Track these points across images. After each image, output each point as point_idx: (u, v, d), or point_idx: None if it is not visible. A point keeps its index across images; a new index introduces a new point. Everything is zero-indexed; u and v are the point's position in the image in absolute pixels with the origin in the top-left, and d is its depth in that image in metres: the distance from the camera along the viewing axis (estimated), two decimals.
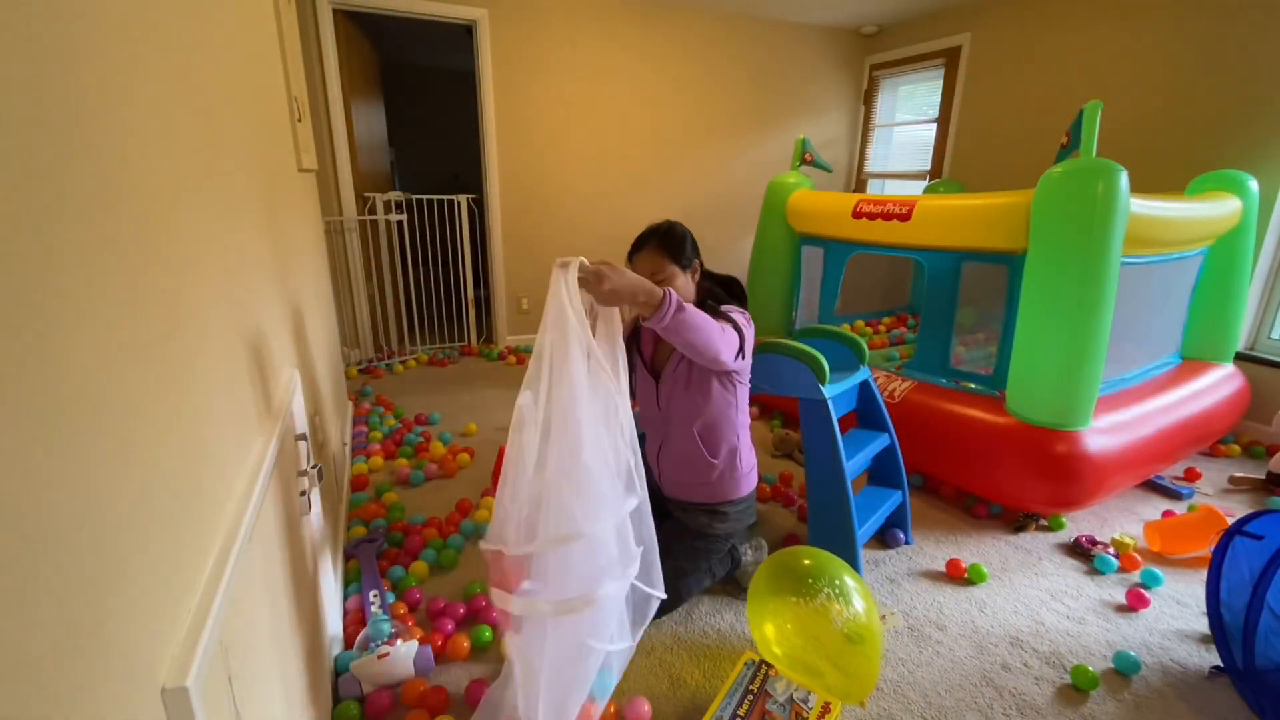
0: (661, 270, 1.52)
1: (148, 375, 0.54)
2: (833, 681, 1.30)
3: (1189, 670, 1.48)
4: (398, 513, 2.06)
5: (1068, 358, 1.87)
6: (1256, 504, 2.26)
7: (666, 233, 1.55)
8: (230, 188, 0.94)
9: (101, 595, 0.42)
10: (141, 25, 0.62)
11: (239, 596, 0.69)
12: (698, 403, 1.59)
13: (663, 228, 1.56)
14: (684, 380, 1.59)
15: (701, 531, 1.64)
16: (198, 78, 0.82)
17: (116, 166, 0.52)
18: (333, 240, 3.47)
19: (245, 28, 1.24)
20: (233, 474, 0.77)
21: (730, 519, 1.65)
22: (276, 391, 1.11)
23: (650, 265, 1.53)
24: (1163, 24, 2.96)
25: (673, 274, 1.52)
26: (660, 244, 1.53)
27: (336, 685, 1.33)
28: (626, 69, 4.00)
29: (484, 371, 3.71)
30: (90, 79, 0.49)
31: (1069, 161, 1.86)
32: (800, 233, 2.92)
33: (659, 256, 1.52)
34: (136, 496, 0.49)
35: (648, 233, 1.56)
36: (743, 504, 1.67)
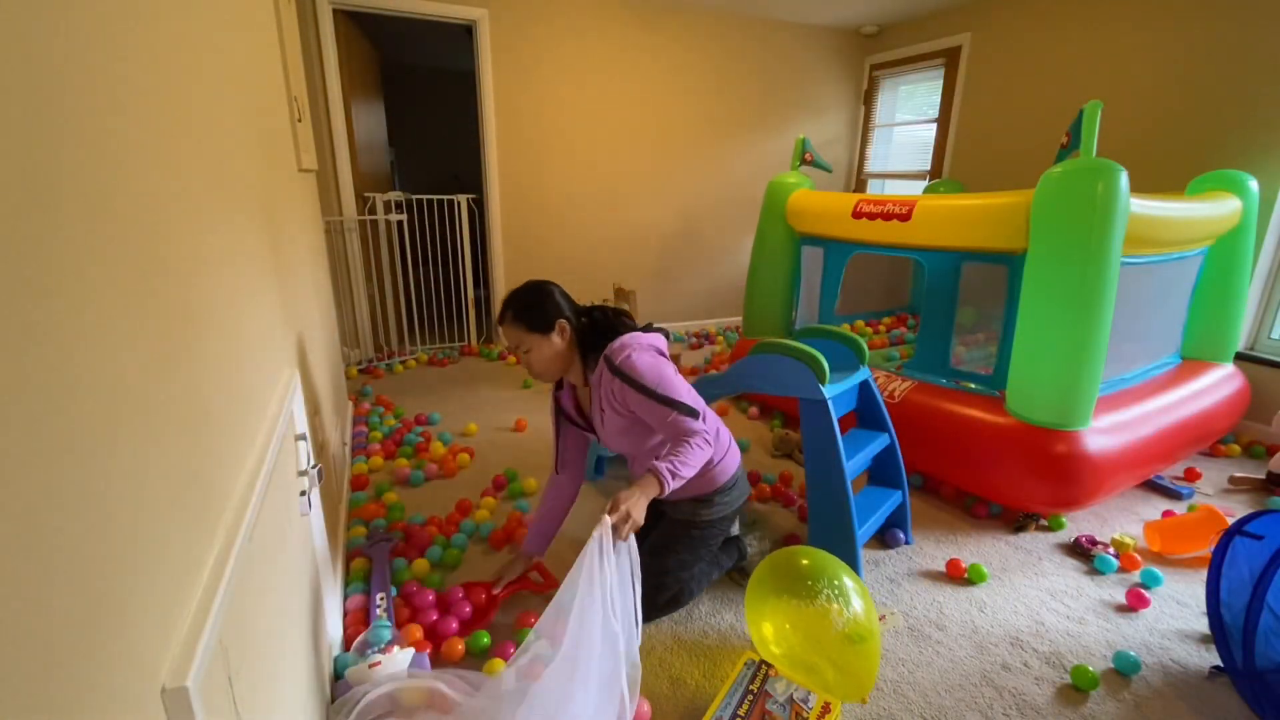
0: (523, 342, 1.46)
1: (148, 375, 0.54)
2: (832, 681, 1.31)
3: (1189, 670, 1.48)
4: (398, 513, 2.07)
5: (1068, 358, 1.87)
6: (1256, 504, 2.26)
7: (521, 301, 1.47)
8: (230, 188, 0.94)
9: (101, 595, 0.42)
10: (142, 25, 0.62)
11: (239, 596, 0.69)
12: (640, 437, 1.55)
13: (518, 295, 1.48)
14: (615, 433, 1.54)
15: (694, 521, 1.61)
16: (198, 77, 0.82)
17: (116, 167, 0.52)
18: (333, 240, 3.47)
19: (245, 28, 1.24)
20: (233, 474, 0.76)
21: (718, 505, 1.62)
22: (276, 391, 1.11)
23: (513, 339, 1.48)
24: (1162, 24, 2.96)
25: (535, 343, 1.46)
26: (515, 315, 1.46)
27: (335, 687, 1.33)
28: (627, 69, 4.00)
29: (484, 371, 3.71)
30: (90, 78, 0.49)
31: (1069, 161, 1.86)
32: (800, 233, 2.92)
33: (517, 329, 1.46)
34: (136, 497, 0.49)
35: (505, 303, 1.48)
36: (730, 487, 1.63)
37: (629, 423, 1.51)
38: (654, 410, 1.42)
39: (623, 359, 1.44)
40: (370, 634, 1.43)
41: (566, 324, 1.49)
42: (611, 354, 1.46)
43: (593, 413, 1.56)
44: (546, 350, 1.48)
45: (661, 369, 1.45)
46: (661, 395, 1.41)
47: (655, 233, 4.42)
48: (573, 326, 1.51)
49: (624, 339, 1.49)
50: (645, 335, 1.53)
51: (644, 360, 1.44)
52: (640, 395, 1.42)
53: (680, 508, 1.63)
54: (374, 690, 1.23)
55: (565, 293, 1.54)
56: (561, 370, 1.54)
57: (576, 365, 1.54)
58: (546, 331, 1.46)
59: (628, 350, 1.46)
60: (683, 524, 1.62)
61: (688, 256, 4.56)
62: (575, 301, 1.57)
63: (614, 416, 1.50)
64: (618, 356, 1.45)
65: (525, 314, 1.46)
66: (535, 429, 2.83)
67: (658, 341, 1.54)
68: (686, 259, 4.56)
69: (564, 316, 1.49)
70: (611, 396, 1.47)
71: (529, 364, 1.50)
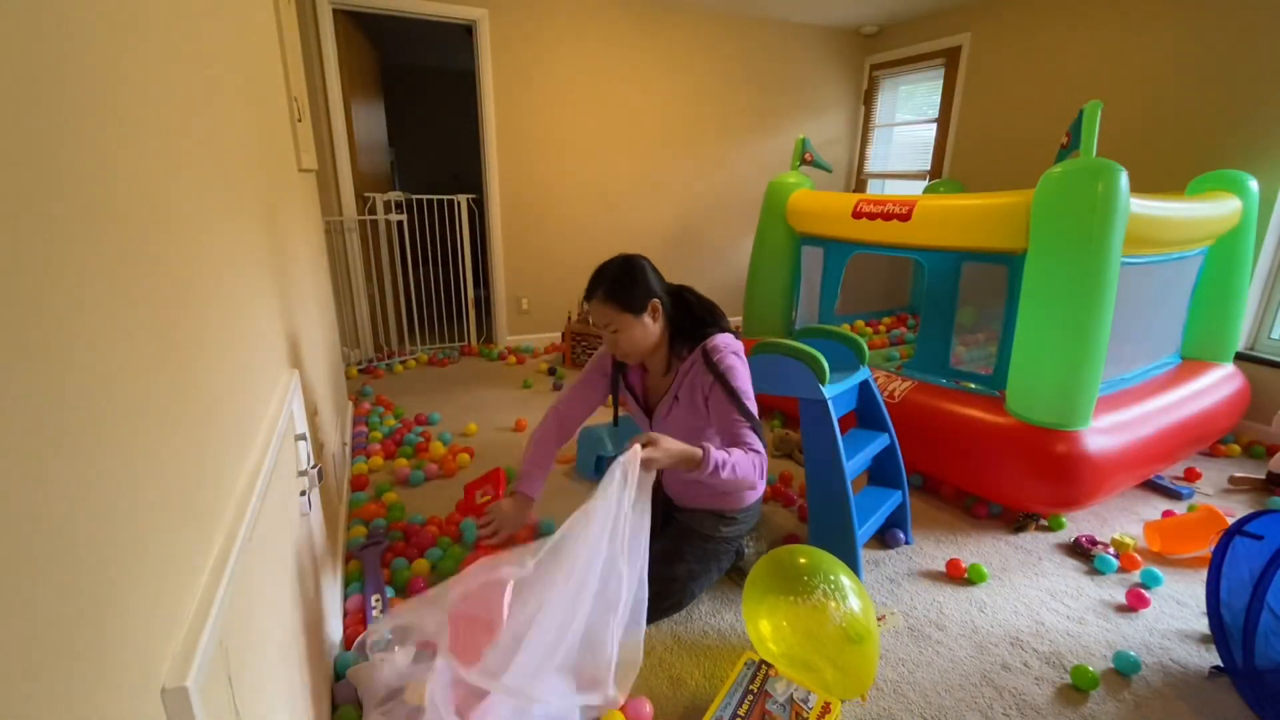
0: (614, 322, 1.41)
1: (148, 375, 0.54)
2: (830, 679, 1.31)
3: (1189, 670, 1.48)
4: (398, 512, 2.07)
5: (1068, 358, 1.87)
6: (1256, 504, 2.26)
7: (614, 279, 1.41)
8: (230, 188, 0.94)
9: (101, 595, 0.42)
10: (142, 25, 0.62)
11: (239, 596, 0.69)
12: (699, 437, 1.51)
13: (610, 272, 1.42)
14: (675, 427, 1.51)
15: (710, 534, 1.62)
16: (197, 77, 0.82)
17: (116, 167, 0.52)
18: (333, 240, 3.47)
19: (245, 28, 1.24)
20: (233, 474, 0.76)
21: (739, 523, 1.64)
22: (276, 391, 1.11)
23: (602, 318, 1.43)
24: (1163, 24, 2.96)
25: (626, 324, 1.41)
26: (607, 294, 1.40)
27: (335, 687, 1.33)
28: (626, 69, 4.00)
29: (484, 371, 3.71)
30: (89, 78, 0.49)
31: (1069, 161, 1.86)
32: (800, 233, 2.92)
33: (608, 309, 1.41)
34: (136, 497, 0.49)
35: (595, 279, 1.43)
36: (753, 509, 1.67)
37: (694, 423, 1.49)
38: (726, 414, 1.41)
39: (720, 358, 1.44)
40: (370, 634, 1.43)
41: (659, 304, 1.45)
42: (712, 351, 1.45)
43: (663, 399, 1.53)
44: (638, 332, 1.43)
45: (750, 389, 1.46)
46: (741, 401, 1.41)
47: (655, 232, 4.42)
48: (665, 309, 1.47)
49: (725, 340, 1.48)
50: (737, 342, 1.53)
51: (739, 365, 1.46)
52: (724, 395, 1.41)
53: (703, 520, 1.62)
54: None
55: (656, 269, 1.49)
56: (650, 353, 1.50)
57: (663, 350, 1.51)
58: (639, 312, 1.42)
59: (731, 352, 1.46)
60: (700, 536, 1.62)
61: (688, 256, 4.56)
62: (664, 279, 1.52)
63: (687, 408, 1.49)
64: (716, 355, 1.44)
65: (618, 292, 1.40)
66: None
67: (741, 348, 1.54)
68: (686, 259, 4.56)
69: (658, 296, 1.45)
70: (695, 389, 1.46)
71: (616, 344, 1.46)
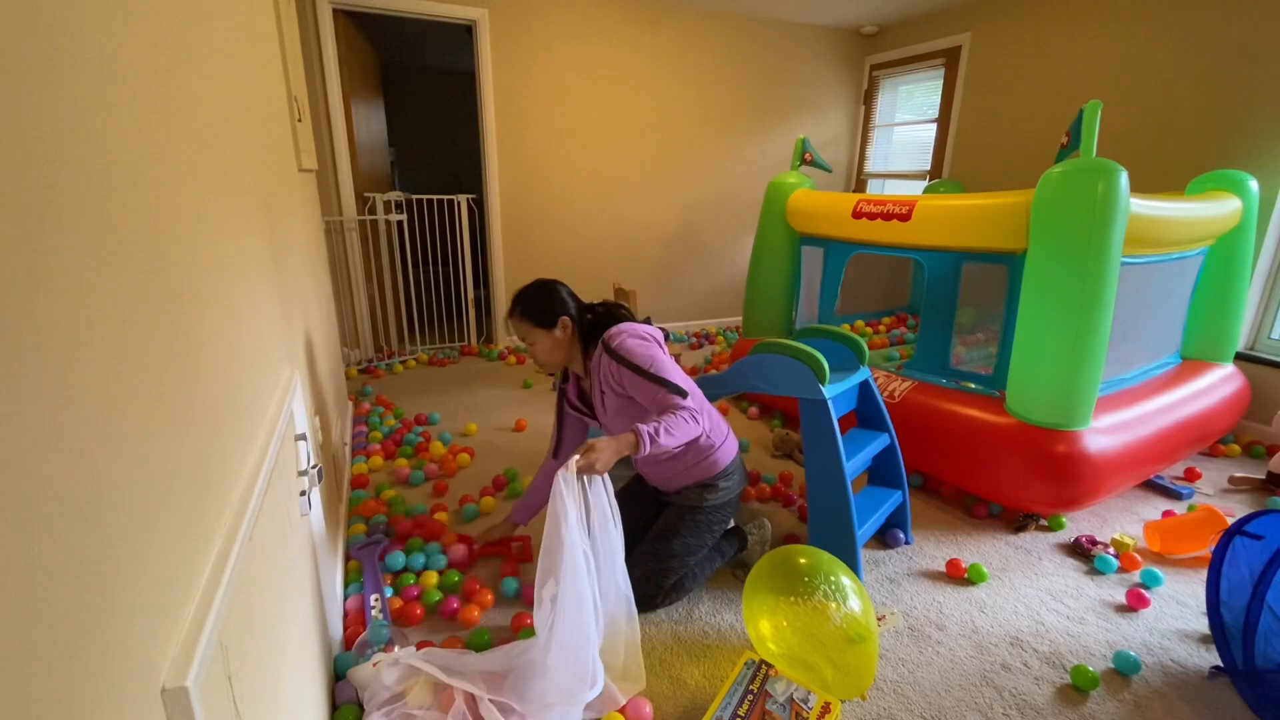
0: (528, 336, 1.59)
1: (148, 375, 0.54)
2: (830, 679, 1.31)
3: (1189, 670, 1.48)
4: (399, 506, 2.08)
5: (1068, 358, 1.87)
6: (1256, 504, 2.26)
7: (526, 300, 1.59)
8: (230, 188, 0.94)
9: (101, 595, 0.42)
10: (141, 25, 0.62)
11: (239, 596, 0.69)
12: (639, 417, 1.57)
13: (523, 294, 1.60)
14: (616, 415, 1.60)
15: (697, 505, 1.66)
16: (198, 77, 0.82)
17: (116, 167, 0.52)
18: (333, 240, 3.47)
19: (245, 27, 1.24)
20: (233, 474, 0.76)
21: (722, 490, 1.68)
22: (276, 391, 1.11)
23: (519, 332, 1.60)
24: (1163, 24, 2.96)
25: (539, 336, 1.59)
26: (521, 313, 1.58)
27: (335, 687, 1.33)
28: (626, 69, 4.00)
29: (484, 371, 3.71)
30: (90, 79, 0.49)
31: (1069, 161, 1.86)
32: (800, 233, 2.92)
33: (522, 324, 1.59)
34: (136, 497, 0.49)
35: (512, 300, 1.61)
36: (731, 473, 1.70)
37: (626, 403, 1.59)
38: (645, 388, 1.52)
39: (618, 342, 1.55)
40: (369, 634, 1.44)
41: (569, 320, 1.60)
42: (609, 338, 1.57)
43: (593, 396, 1.65)
44: (548, 342, 1.60)
45: (652, 351, 1.55)
46: (652, 374, 1.51)
47: (655, 232, 4.42)
48: (575, 322, 1.62)
49: (620, 325, 1.60)
50: (641, 325, 1.63)
51: (637, 343, 1.55)
52: (634, 375, 1.52)
53: (686, 494, 1.67)
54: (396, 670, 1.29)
55: (571, 291, 1.65)
56: (563, 360, 1.66)
57: (578, 356, 1.65)
58: (549, 326, 1.59)
59: (623, 334, 1.57)
60: (688, 509, 1.66)
61: (688, 256, 4.56)
62: (580, 299, 1.67)
63: (612, 397, 1.59)
64: (613, 340, 1.56)
65: (530, 310, 1.59)
66: (535, 429, 2.83)
67: (654, 332, 1.64)
68: (686, 259, 4.56)
69: (567, 313, 1.60)
70: (610, 377, 1.57)
71: (535, 356, 1.64)
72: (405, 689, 1.26)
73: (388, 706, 1.23)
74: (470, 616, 1.58)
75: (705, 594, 1.72)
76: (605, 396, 1.60)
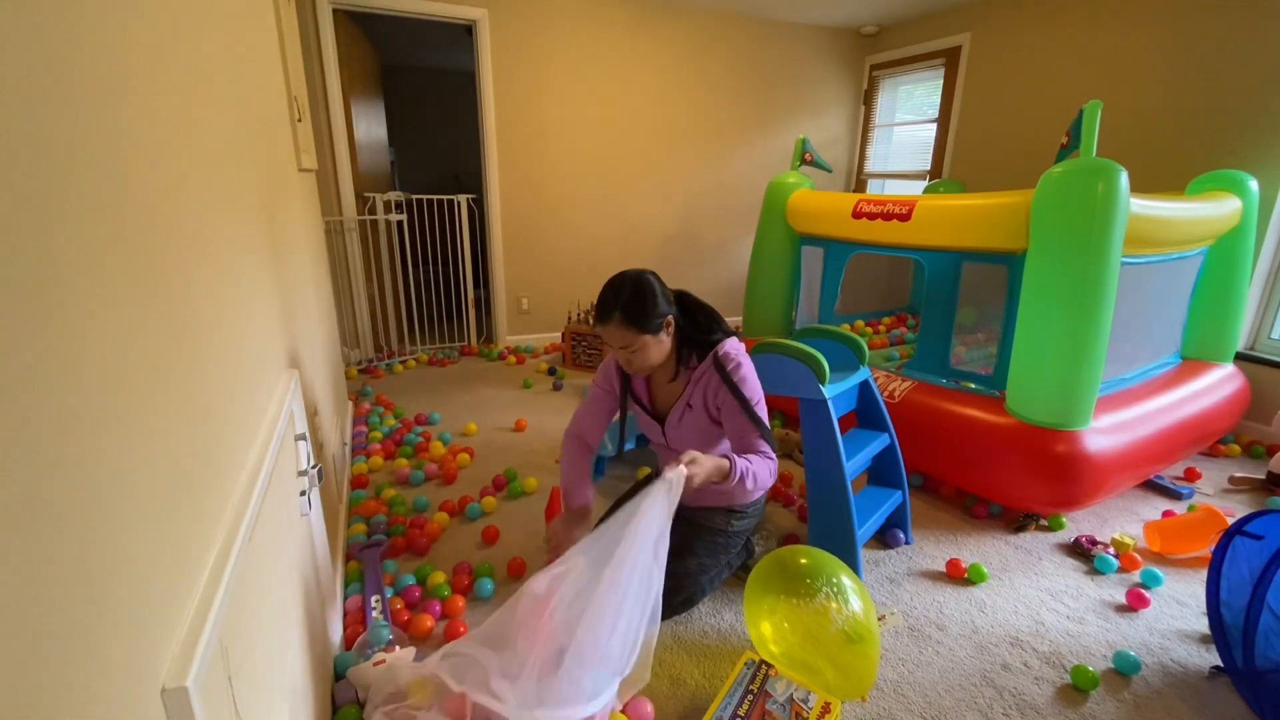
0: (632, 344, 1.42)
1: (148, 375, 0.54)
2: (831, 679, 1.31)
3: (1189, 670, 1.48)
4: (399, 506, 2.07)
5: (1068, 358, 1.87)
6: (1256, 504, 2.26)
7: (629, 303, 1.40)
8: (230, 188, 0.94)
9: (102, 595, 0.42)
10: (141, 25, 0.62)
11: (239, 596, 0.69)
12: (707, 442, 1.57)
13: (624, 295, 1.40)
14: (690, 431, 1.56)
15: (721, 529, 1.64)
16: (198, 77, 0.82)
17: (115, 167, 0.52)
18: (333, 240, 3.47)
19: (245, 28, 1.24)
20: (233, 474, 0.76)
21: (749, 516, 1.67)
22: (276, 391, 1.11)
23: (618, 340, 1.42)
24: (1163, 24, 2.96)
25: (644, 344, 1.42)
26: (625, 318, 1.39)
27: (335, 687, 1.33)
28: (626, 69, 4.00)
29: (484, 371, 3.71)
30: (90, 79, 0.49)
31: (1069, 161, 1.86)
32: (800, 233, 2.92)
33: (626, 332, 1.40)
34: (136, 497, 0.49)
35: (609, 301, 1.41)
36: (759, 502, 1.69)
37: (708, 427, 1.53)
38: (740, 425, 1.47)
39: (733, 367, 1.48)
40: (370, 635, 1.43)
41: (673, 320, 1.48)
42: (724, 360, 1.49)
43: (675, 406, 1.56)
44: (654, 350, 1.45)
45: (760, 391, 1.51)
46: (754, 413, 1.46)
47: (655, 232, 4.41)
48: (676, 321, 1.50)
49: (734, 347, 1.52)
50: (742, 345, 1.57)
51: (752, 376, 1.51)
52: (738, 408, 1.46)
53: (712, 516, 1.64)
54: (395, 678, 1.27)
55: (661, 280, 1.48)
56: (661, 364, 1.53)
57: (670, 359, 1.55)
58: (656, 332, 1.44)
59: (740, 361, 1.50)
60: (709, 530, 1.64)
61: (688, 256, 4.56)
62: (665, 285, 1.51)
63: (700, 415, 1.52)
64: (730, 364, 1.48)
65: (634, 315, 1.40)
66: (535, 429, 2.83)
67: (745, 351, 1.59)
68: (686, 259, 4.56)
69: (670, 313, 1.46)
70: (709, 398, 1.50)
71: (630, 362, 1.46)
72: (407, 688, 1.26)
73: (389, 705, 1.23)
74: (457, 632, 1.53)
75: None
76: (692, 411, 1.52)
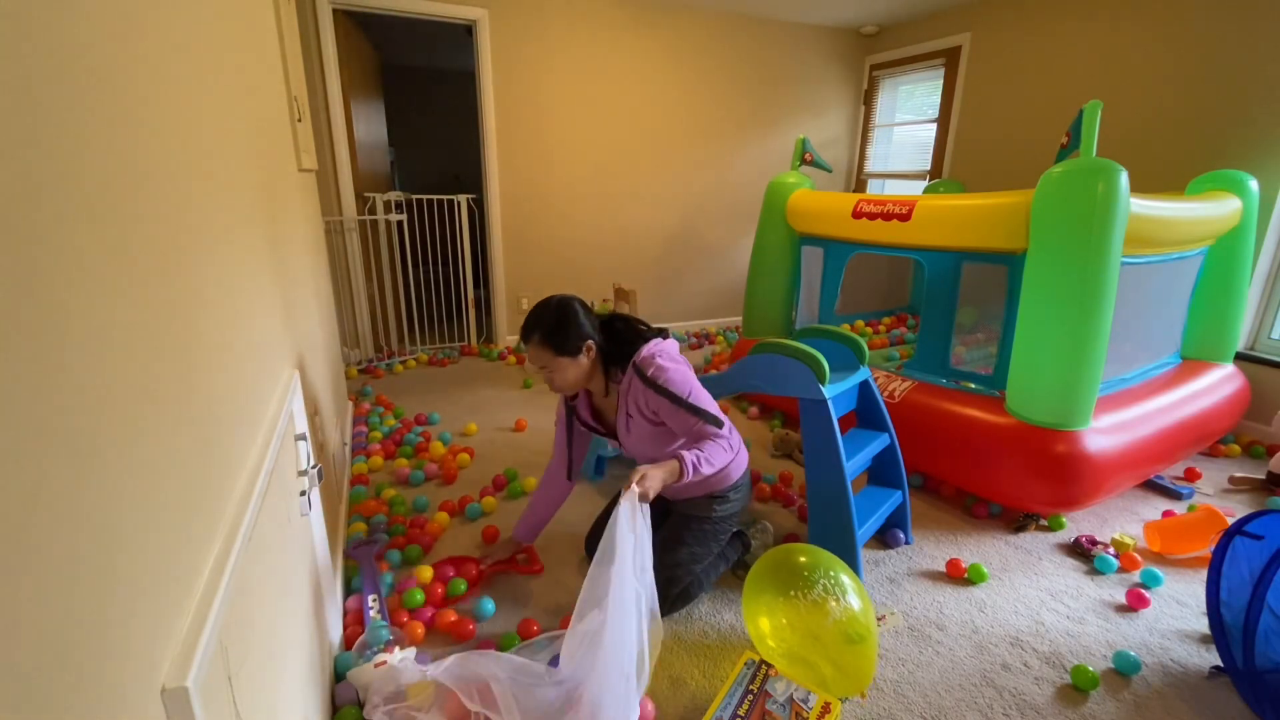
0: (549, 364, 1.48)
1: (148, 375, 0.54)
2: (829, 677, 1.31)
3: (1189, 670, 1.48)
4: (399, 506, 2.08)
5: (1068, 358, 1.87)
6: (1256, 504, 2.26)
7: (550, 327, 1.46)
8: (230, 188, 0.94)
9: (101, 595, 0.42)
10: (141, 25, 0.62)
11: (239, 596, 0.69)
12: (662, 442, 1.57)
13: (546, 320, 1.46)
14: (641, 437, 1.57)
15: (706, 515, 1.65)
16: (198, 78, 0.82)
17: (115, 167, 0.52)
18: (333, 240, 3.47)
19: (245, 28, 1.24)
20: (233, 474, 0.76)
21: (731, 501, 1.67)
22: (276, 391, 1.11)
23: (538, 360, 1.49)
24: (1162, 24, 2.96)
25: (561, 365, 1.48)
26: (543, 339, 1.46)
27: (335, 688, 1.33)
28: (626, 69, 4.00)
29: (484, 371, 3.71)
30: (90, 79, 0.49)
31: (1069, 161, 1.86)
32: (800, 233, 2.92)
33: (543, 353, 1.47)
34: (136, 497, 0.49)
35: (531, 323, 1.47)
36: (741, 484, 1.69)
37: (655, 429, 1.54)
38: (683, 419, 1.49)
39: (654, 370, 1.49)
40: (369, 635, 1.43)
41: (592, 344, 1.51)
42: (642, 365, 1.50)
43: (618, 419, 1.60)
44: (572, 371, 1.50)
45: (690, 380, 1.51)
46: (692, 405, 1.48)
47: (655, 232, 4.42)
48: (597, 345, 1.53)
49: (651, 349, 1.52)
50: (666, 343, 1.57)
51: (674, 371, 1.50)
52: (672, 405, 1.47)
53: (696, 504, 1.66)
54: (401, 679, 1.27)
55: (586, 305, 1.55)
56: (584, 385, 1.58)
57: (599, 377, 1.59)
58: (574, 354, 1.49)
59: (657, 360, 1.50)
60: (696, 519, 1.65)
61: (688, 256, 4.56)
62: (591, 310, 1.57)
63: (641, 423, 1.54)
64: (649, 368, 1.49)
65: (552, 338, 1.46)
66: (535, 429, 2.83)
67: (676, 349, 1.59)
68: (686, 259, 4.56)
69: (590, 337, 1.50)
70: (641, 405, 1.52)
71: (551, 381, 1.53)
72: (407, 689, 1.26)
73: (389, 706, 1.23)
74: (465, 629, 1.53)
75: (705, 594, 1.72)
76: (633, 421, 1.55)
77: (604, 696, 1.14)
